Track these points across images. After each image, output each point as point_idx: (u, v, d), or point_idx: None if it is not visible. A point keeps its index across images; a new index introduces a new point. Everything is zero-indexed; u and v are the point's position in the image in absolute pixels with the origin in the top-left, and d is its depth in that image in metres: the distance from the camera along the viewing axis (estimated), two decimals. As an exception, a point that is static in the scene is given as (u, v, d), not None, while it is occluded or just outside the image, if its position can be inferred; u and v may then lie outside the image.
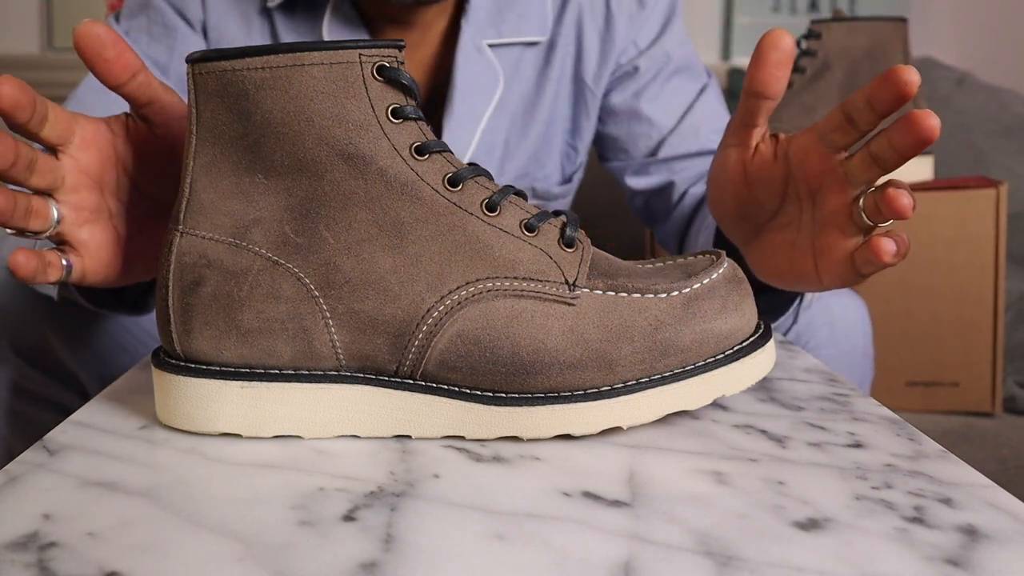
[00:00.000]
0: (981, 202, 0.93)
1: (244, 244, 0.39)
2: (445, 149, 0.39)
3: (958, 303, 0.96)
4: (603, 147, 0.88)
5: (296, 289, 0.38)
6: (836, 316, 0.77)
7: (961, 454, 0.39)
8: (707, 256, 0.42)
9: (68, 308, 0.66)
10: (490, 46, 0.78)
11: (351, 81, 0.37)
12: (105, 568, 0.28)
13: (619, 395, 0.38)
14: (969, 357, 0.97)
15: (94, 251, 0.45)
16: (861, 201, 0.42)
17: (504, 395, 0.38)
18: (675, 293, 0.39)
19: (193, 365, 0.39)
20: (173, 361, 0.40)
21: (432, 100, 0.80)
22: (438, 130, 0.78)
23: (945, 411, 0.99)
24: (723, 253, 0.41)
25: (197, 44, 0.79)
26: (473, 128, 0.77)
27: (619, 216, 1.21)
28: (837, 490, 0.34)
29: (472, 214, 0.38)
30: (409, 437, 0.39)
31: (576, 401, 0.38)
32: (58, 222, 0.43)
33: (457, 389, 0.38)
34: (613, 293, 0.39)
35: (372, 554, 0.29)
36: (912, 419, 0.92)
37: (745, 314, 0.40)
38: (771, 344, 0.40)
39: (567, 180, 0.87)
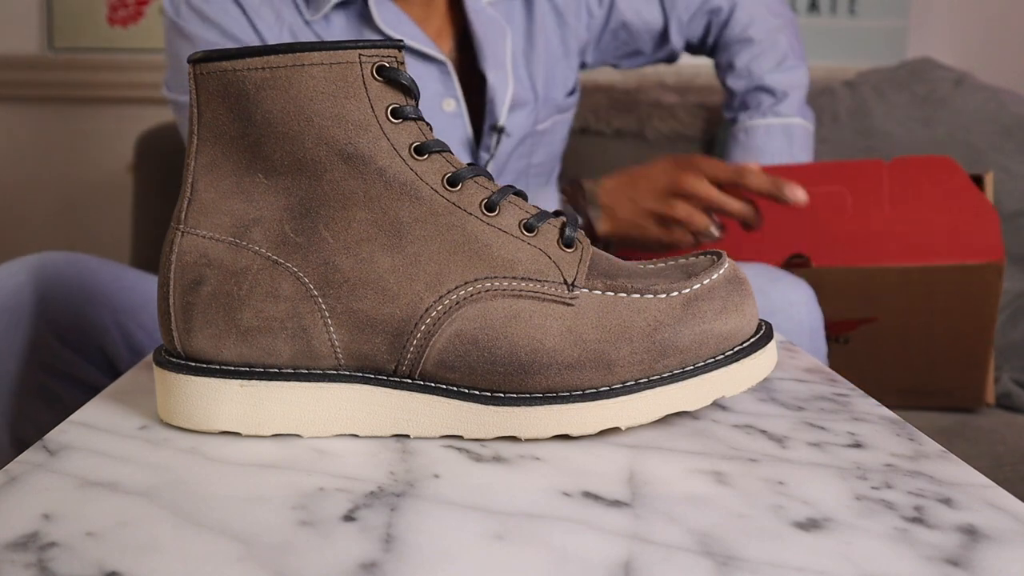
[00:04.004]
0: None
1: (244, 243, 0.39)
2: (444, 149, 0.39)
3: (951, 302, 0.95)
4: (618, 56, 1.08)
5: (295, 288, 0.38)
6: (777, 311, 0.76)
7: (956, 451, 0.39)
8: (708, 257, 0.42)
9: (110, 296, 0.72)
10: (488, 4, 0.90)
11: (351, 81, 0.37)
12: (105, 568, 0.28)
13: (618, 395, 0.38)
14: (962, 362, 0.96)
15: None
16: None
17: (502, 395, 0.38)
18: (675, 294, 0.39)
19: (193, 364, 0.39)
20: (174, 360, 0.40)
21: (460, 62, 0.92)
22: (482, 82, 0.89)
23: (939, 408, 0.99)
24: (724, 253, 0.41)
25: None
26: (505, 69, 0.90)
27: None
28: (837, 490, 0.34)
29: (471, 214, 0.38)
30: (408, 436, 0.39)
31: (574, 401, 0.38)
32: None
33: (455, 389, 0.38)
34: (612, 293, 0.39)
35: (372, 554, 0.29)
36: (906, 416, 0.92)
37: (746, 315, 0.40)
38: (772, 345, 0.40)
39: (571, 93, 1.01)
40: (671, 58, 1.10)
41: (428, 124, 0.40)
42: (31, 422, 0.68)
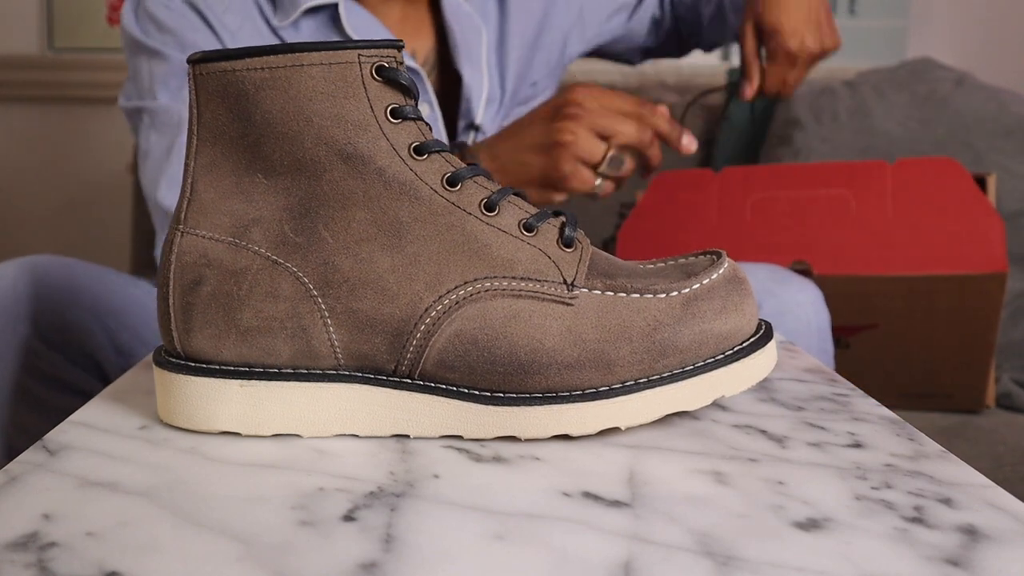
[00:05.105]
0: None
1: (244, 243, 0.39)
2: (444, 149, 0.39)
3: (953, 311, 0.94)
4: (609, 51, 1.07)
5: (295, 288, 0.38)
6: (785, 312, 0.76)
7: (956, 451, 0.39)
8: (707, 256, 0.42)
9: (95, 299, 0.71)
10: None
11: (350, 81, 0.37)
12: (105, 568, 0.28)
13: (617, 395, 0.38)
14: (963, 368, 0.96)
15: None
16: None
17: (502, 395, 0.38)
18: (674, 293, 0.39)
19: (193, 364, 0.39)
20: (174, 360, 0.40)
21: (439, 56, 0.91)
22: (457, 79, 0.88)
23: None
24: (724, 253, 0.41)
25: None
26: (480, 68, 0.88)
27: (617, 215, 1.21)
28: (837, 490, 0.34)
29: (470, 214, 0.38)
30: (407, 436, 0.39)
31: (574, 401, 0.38)
32: None
33: (455, 389, 0.38)
34: (612, 293, 0.39)
35: (372, 554, 0.29)
36: (906, 416, 0.91)
37: (745, 314, 0.40)
38: (772, 345, 0.40)
39: (533, 84, 0.99)
40: (665, 36, 1.07)
41: (428, 124, 0.40)
42: (21, 428, 0.68)
